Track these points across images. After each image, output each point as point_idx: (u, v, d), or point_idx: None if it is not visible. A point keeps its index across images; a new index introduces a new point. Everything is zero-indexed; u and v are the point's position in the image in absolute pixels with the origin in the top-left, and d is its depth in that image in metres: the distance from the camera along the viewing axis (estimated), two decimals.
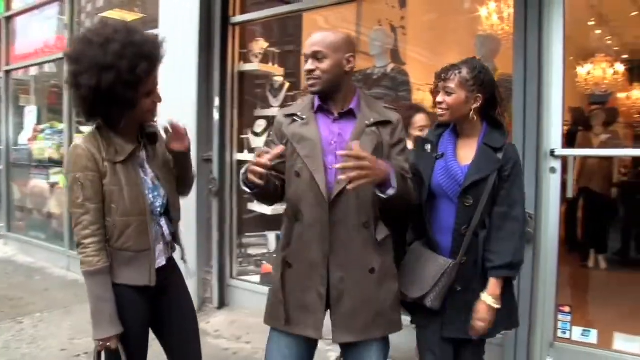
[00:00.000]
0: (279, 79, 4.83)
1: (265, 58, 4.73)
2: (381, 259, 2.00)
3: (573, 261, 5.00)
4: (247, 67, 4.59)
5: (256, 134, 4.69)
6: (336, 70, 1.94)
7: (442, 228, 2.07)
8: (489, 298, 1.96)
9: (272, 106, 4.80)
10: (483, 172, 1.98)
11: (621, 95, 6.83)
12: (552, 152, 2.88)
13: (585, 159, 5.32)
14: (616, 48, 6.45)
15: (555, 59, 2.88)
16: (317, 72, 1.93)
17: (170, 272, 2.10)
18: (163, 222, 2.03)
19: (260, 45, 4.66)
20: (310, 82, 1.97)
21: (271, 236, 4.57)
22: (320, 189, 1.92)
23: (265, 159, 1.80)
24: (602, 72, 6.68)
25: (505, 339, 3.01)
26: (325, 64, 1.92)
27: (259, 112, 4.82)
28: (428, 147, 2.14)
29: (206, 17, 4.32)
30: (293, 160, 2.00)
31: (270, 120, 4.76)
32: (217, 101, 4.33)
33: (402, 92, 3.82)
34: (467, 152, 2.07)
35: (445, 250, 2.06)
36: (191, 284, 4.16)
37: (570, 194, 3.08)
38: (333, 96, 2.00)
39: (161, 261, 2.02)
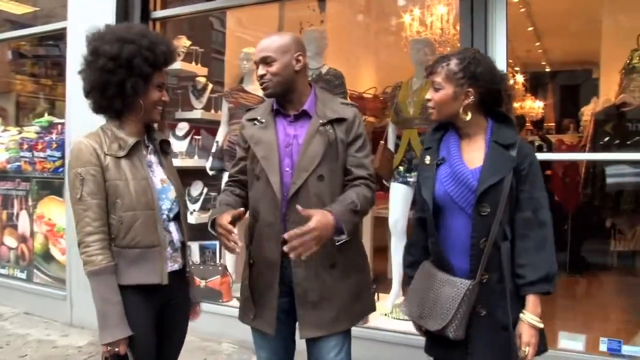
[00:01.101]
0: (202, 80, 4.60)
1: (189, 57, 4.47)
2: (341, 254, 1.99)
3: None
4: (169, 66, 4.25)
5: (178, 138, 4.41)
6: (286, 71, 1.97)
7: (455, 246, 1.79)
8: (531, 317, 1.70)
9: (194, 108, 4.57)
10: (499, 173, 1.70)
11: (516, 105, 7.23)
12: None
13: None
14: (509, 60, 6.83)
15: (498, 60, 2.90)
16: (268, 76, 1.97)
17: (180, 282, 2.01)
18: (172, 227, 1.97)
19: (182, 43, 4.39)
20: (263, 86, 2.01)
21: (194, 246, 4.29)
22: (274, 190, 1.94)
23: (228, 226, 1.86)
24: None
25: None
26: (274, 67, 1.96)
27: (181, 114, 4.59)
28: (428, 159, 1.91)
29: (123, 11, 3.97)
30: (254, 163, 2.03)
31: (192, 123, 4.54)
32: None
33: (338, 94, 3.71)
34: (474, 154, 1.79)
35: (460, 271, 1.77)
36: None
37: None
38: (288, 97, 2.03)
39: (169, 269, 1.91)
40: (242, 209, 1.97)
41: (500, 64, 2.86)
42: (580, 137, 5.52)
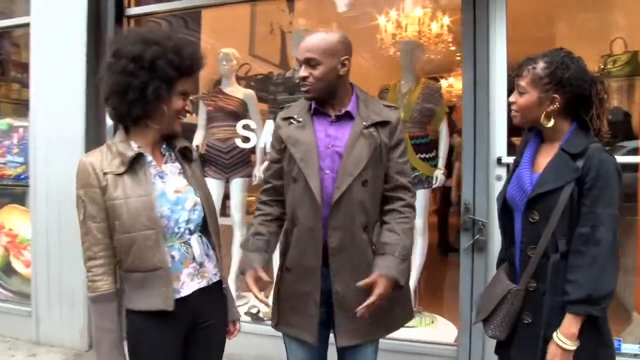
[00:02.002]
0: None
1: None
2: None
3: None
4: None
5: None
6: (330, 76, 1.89)
7: (517, 246, 1.80)
8: (560, 337, 1.62)
9: None
10: (554, 183, 1.66)
11: None
12: (498, 160, 2.90)
13: None
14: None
15: (498, 67, 2.91)
16: (310, 79, 1.89)
17: (212, 299, 1.87)
18: (194, 241, 1.80)
19: None
20: (304, 88, 1.93)
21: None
22: (315, 194, 1.87)
23: (259, 295, 1.89)
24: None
25: (459, 350, 2.98)
26: (318, 71, 1.87)
27: None
28: (514, 160, 1.91)
29: (95, 7, 3.73)
30: (290, 164, 1.96)
31: None
32: None
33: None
34: (546, 159, 1.74)
35: (518, 273, 1.79)
36: (79, 319, 3.67)
37: None
38: (329, 98, 1.96)
39: (191, 288, 1.78)
40: (269, 280, 1.93)
41: (501, 68, 2.89)
42: None
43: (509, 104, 1.83)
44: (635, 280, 3.34)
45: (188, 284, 1.76)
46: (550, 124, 1.73)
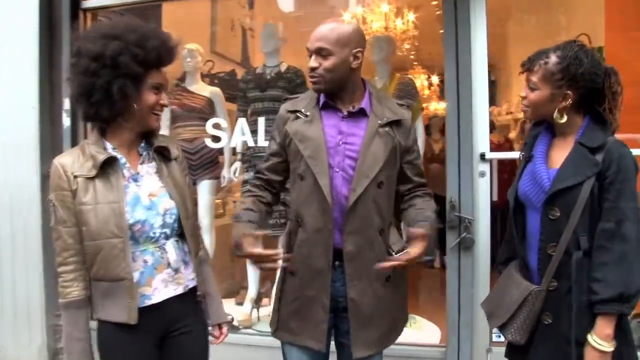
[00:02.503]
0: None
1: None
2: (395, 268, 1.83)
3: None
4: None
5: None
6: (342, 68, 1.79)
7: (530, 244, 1.73)
8: (596, 340, 1.55)
9: None
10: (573, 178, 1.60)
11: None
12: (482, 156, 2.85)
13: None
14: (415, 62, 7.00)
15: (479, 60, 2.85)
16: (320, 71, 1.79)
17: (190, 306, 1.79)
18: (170, 246, 1.73)
19: None
20: (313, 80, 1.82)
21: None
22: (325, 193, 1.77)
23: (263, 252, 1.71)
24: (419, 82, 7.22)
25: (447, 351, 2.90)
26: (329, 62, 1.77)
27: None
28: (521, 155, 1.83)
29: (48, 0, 3.47)
30: (297, 161, 1.86)
31: None
32: (66, 104, 3.47)
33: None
34: (561, 154, 1.69)
35: (534, 272, 1.72)
36: (36, 336, 3.39)
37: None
38: (339, 93, 1.86)
39: (164, 294, 1.71)
40: (263, 232, 1.77)
41: (482, 63, 2.83)
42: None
43: (521, 98, 1.75)
44: None
45: (161, 291, 1.70)
46: (564, 120, 1.68)
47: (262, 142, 3.32)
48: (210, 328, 1.90)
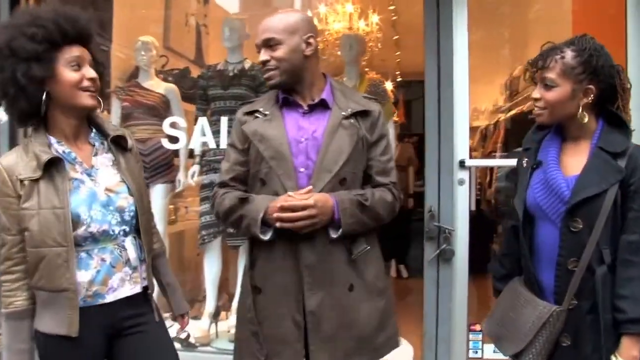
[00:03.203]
0: None
1: None
2: (360, 275, 1.74)
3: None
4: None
5: None
6: (294, 56, 1.72)
7: (543, 260, 1.59)
8: None
9: None
10: (597, 185, 1.47)
11: None
12: (461, 163, 2.71)
13: None
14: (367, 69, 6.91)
15: (460, 65, 2.71)
16: (273, 62, 1.72)
17: (144, 305, 1.70)
18: (128, 242, 1.63)
19: None
20: (267, 74, 1.75)
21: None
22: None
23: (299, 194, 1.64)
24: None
25: None
26: (280, 51, 1.71)
27: None
28: (525, 161, 1.66)
29: None
30: (257, 164, 1.75)
31: None
32: None
33: (265, 92, 3.25)
34: (575, 159, 1.57)
35: (548, 291, 1.58)
36: None
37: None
38: (297, 87, 1.77)
39: (120, 294, 1.62)
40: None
41: (463, 70, 2.70)
42: None
43: (534, 101, 1.59)
44: None
45: (117, 290, 1.62)
46: (586, 119, 1.53)
47: (225, 143, 3.06)
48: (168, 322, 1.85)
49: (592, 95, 1.52)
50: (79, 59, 1.54)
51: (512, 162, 3.97)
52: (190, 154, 3.44)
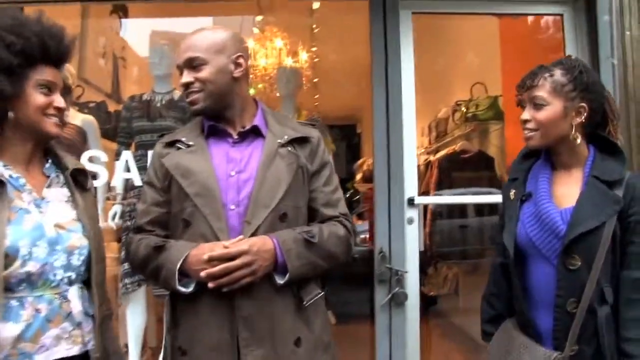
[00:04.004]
0: None
1: None
2: (309, 326, 1.52)
3: None
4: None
5: None
6: (221, 77, 1.54)
7: (538, 301, 1.45)
8: None
9: None
10: (595, 218, 1.37)
11: None
12: (410, 201, 2.58)
13: None
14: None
15: (407, 101, 2.62)
16: (197, 84, 1.53)
17: None
18: (73, 293, 1.37)
19: None
20: (190, 98, 1.56)
21: None
22: (220, 239, 1.44)
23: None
24: None
25: None
26: (204, 72, 1.52)
27: None
28: (512, 193, 1.52)
29: None
30: (180, 203, 1.52)
31: None
32: None
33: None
34: (568, 189, 1.46)
35: (546, 335, 1.44)
36: None
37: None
38: (226, 112, 1.58)
39: (53, 354, 1.32)
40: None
41: (410, 105, 2.61)
42: None
43: (523, 123, 1.49)
44: None
45: (50, 349, 1.32)
46: (579, 140, 1.44)
47: None
48: None
49: (584, 114, 1.45)
50: (50, 83, 1.37)
51: (460, 198, 4.14)
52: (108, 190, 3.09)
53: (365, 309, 4.47)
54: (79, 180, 1.48)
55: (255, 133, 1.57)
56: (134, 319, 2.90)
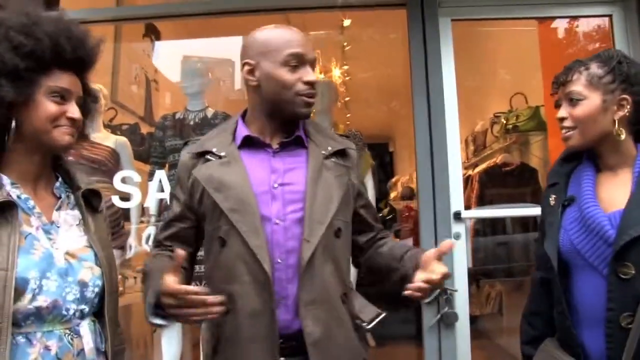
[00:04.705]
0: None
1: None
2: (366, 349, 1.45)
3: None
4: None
5: None
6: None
7: (585, 318, 1.31)
8: None
9: None
10: None
11: None
12: (456, 215, 2.45)
13: None
14: None
15: (450, 112, 2.52)
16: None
17: None
18: (84, 328, 1.22)
19: None
20: (309, 100, 1.44)
21: None
22: (259, 258, 1.30)
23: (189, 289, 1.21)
24: None
25: None
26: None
27: None
28: (552, 198, 1.40)
29: None
30: (214, 220, 1.39)
31: None
32: None
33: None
34: (616, 192, 1.32)
35: (595, 355, 1.28)
36: None
37: None
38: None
39: None
40: (181, 253, 1.24)
41: (453, 117, 2.50)
42: None
43: (560, 121, 1.38)
44: None
45: None
46: (623, 136, 1.31)
47: None
48: None
49: (628, 107, 1.31)
50: (64, 91, 1.21)
51: (509, 211, 3.98)
52: (143, 212, 3.03)
53: (405, 330, 4.32)
54: (90, 201, 1.34)
55: (296, 143, 1.46)
56: (170, 346, 2.80)
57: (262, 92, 1.41)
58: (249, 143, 1.44)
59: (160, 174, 2.75)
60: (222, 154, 1.42)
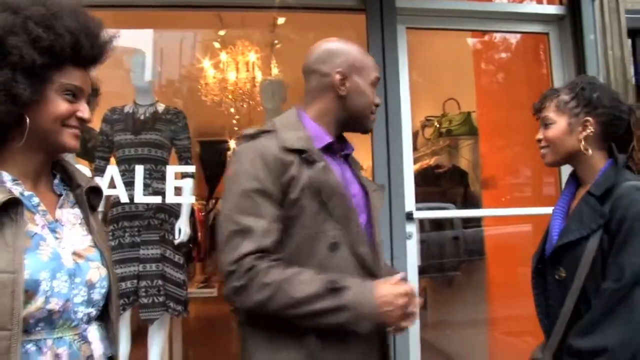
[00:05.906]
0: None
1: None
2: None
3: None
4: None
5: None
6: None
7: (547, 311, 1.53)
8: None
9: None
10: (577, 232, 1.40)
11: None
12: (408, 216, 2.57)
13: None
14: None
15: (404, 113, 2.63)
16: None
17: None
18: (93, 333, 1.17)
19: None
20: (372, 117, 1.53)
21: None
22: (368, 265, 1.36)
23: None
24: None
25: None
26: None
27: None
28: (552, 210, 1.60)
29: None
30: (317, 224, 1.32)
31: None
32: None
33: (184, 139, 2.87)
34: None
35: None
36: None
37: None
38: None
39: None
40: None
41: (406, 116, 2.62)
42: None
43: (537, 142, 1.57)
44: None
45: None
46: (590, 152, 1.48)
47: (141, 197, 2.61)
48: None
49: (591, 128, 1.47)
50: (77, 89, 1.14)
51: (458, 212, 4.14)
52: None
53: None
54: (90, 200, 1.27)
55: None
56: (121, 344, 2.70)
57: (346, 103, 1.43)
58: (329, 148, 1.43)
59: (112, 170, 2.63)
60: (314, 155, 1.35)
